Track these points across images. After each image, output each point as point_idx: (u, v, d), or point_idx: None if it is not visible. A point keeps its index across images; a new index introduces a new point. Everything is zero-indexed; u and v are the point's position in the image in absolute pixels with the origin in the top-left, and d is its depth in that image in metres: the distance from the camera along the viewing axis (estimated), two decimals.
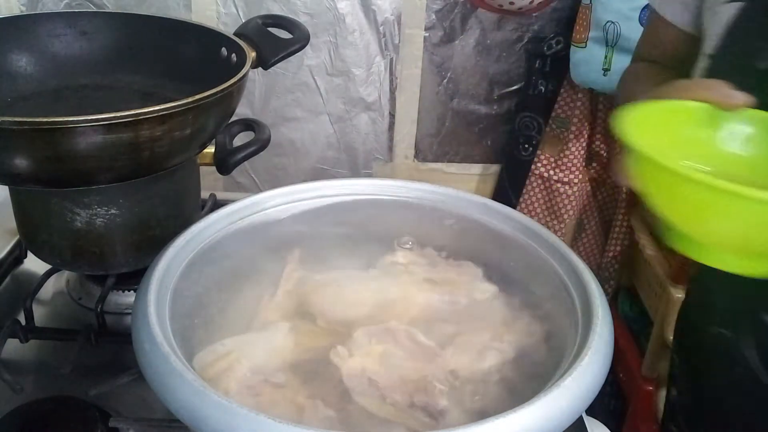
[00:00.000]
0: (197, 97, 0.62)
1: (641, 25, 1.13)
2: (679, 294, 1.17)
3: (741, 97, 0.51)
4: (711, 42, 0.66)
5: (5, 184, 0.68)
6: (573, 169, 1.33)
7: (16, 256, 0.86)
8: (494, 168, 1.42)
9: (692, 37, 0.72)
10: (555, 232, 1.19)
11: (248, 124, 0.81)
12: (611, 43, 1.15)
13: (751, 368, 0.66)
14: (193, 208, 0.79)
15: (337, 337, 0.57)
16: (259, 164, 1.35)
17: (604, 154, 1.35)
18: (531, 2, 1.21)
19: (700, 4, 0.71)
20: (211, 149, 0.78)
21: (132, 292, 0.78)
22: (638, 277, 1.38)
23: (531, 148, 1.35)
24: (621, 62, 1.16)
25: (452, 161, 1.41)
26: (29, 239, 0.75)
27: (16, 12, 1.17)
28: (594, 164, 1.36)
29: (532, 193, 1.37)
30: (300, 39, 0.77)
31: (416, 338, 0.56)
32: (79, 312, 0.78)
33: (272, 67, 0.76)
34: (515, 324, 0.60)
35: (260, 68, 0.75)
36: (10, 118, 0.55)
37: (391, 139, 1.36)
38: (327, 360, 0.54)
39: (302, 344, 0.57)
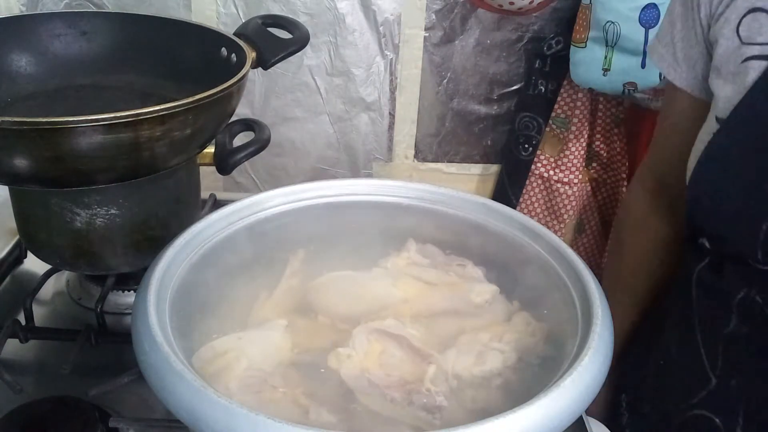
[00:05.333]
0: (197, 97, 0.62)
1: (641, 25, 1.13)
2: None
3: None
4: (723, 104, 0.61)
5: (5, 184, 0.68)
6: (573, 169, 1.33)
7: (16, 256, 0.86)
8: (494, 168, 1.42)
9: (705, 106, 0.66)
10: (555, 232, 1.18)
11: (248, 124, 0.81)
12: (611, 43, 1.15)
13: None
14: (193, 208, 0.79)
15: (336, 334, 0.57)
16: (259, 164, 1.35)
17: (604, 154, 1.35)
18: (531, 2, 1.21)
19: (707, 61, 0.66)
20: (211, 149, 0.78)
21: (132, 292, 0.78)
22: None
23: (531, 148, 1.35)
24: (621, 62, 1.16)
25: (452, 161, 1.41)
26: (29, 239, 0.75)
27: (16, 12, 1.17)
28: (594, 164, 1.36)
29: (532, 193, 1.37)
30: (300, 39, 0.77)
31: (413, 342, 0.56)
32: (79, 312, 0.78)
33: (272, 67, 0.76)
34: (515, 324, 0.60)
35: (260, 68, 0.75)
36: (10, 118, 0.55)
37: (390, 139, 1.36)
38: (327, 360, 0.54)
39: (302, 342, 0.57)
